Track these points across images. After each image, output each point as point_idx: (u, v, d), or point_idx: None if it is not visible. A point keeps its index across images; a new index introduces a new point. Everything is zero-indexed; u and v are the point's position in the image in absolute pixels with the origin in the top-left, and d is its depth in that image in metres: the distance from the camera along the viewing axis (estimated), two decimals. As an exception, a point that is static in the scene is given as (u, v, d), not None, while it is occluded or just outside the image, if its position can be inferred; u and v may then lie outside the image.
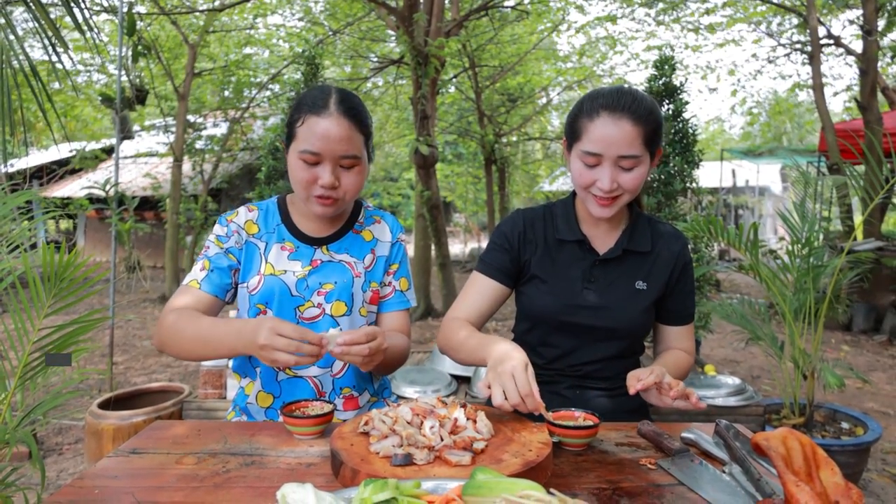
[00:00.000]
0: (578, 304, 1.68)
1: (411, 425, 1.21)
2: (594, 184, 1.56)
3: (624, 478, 1.18)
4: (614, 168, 1.54)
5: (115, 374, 5.65)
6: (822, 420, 3.46)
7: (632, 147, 1.51)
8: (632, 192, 1.58)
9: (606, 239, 1.73)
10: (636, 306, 1.69)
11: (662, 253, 1.73)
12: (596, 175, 1.55)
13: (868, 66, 8.07)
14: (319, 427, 1.37)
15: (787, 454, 0.88)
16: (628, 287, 1.69)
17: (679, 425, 1.48)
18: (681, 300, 1.77)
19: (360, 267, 1.75)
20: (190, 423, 1.46)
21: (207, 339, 1.51)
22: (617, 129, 1.51)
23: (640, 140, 1.52)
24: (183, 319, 1.56)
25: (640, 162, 1.54)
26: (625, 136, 1.51)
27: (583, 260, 1.71)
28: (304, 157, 1.58)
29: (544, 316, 1.73)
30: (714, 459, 1.26)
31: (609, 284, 1.69)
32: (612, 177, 1.54)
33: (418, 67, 6.97)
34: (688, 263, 1.76)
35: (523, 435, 1.24)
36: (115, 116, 4.16)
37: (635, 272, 1.71)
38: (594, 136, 1.53)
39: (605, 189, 1.54)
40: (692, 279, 1.79)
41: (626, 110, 1.51)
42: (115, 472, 1.18)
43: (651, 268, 1.72)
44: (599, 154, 1.53)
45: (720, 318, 3.80)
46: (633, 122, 1.51)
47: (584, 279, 1.70)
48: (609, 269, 1.71)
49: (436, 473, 1.07)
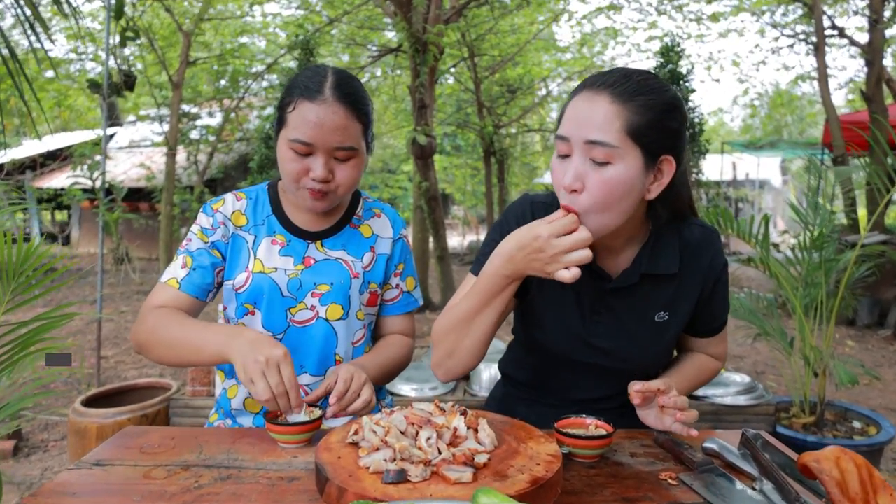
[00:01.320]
0: (583, 340, 1.39)
1: (405, 436, 1.09)
2: (560, 185, 1.22)
3: (643, 495, 1.06)
4: (583, 161, 1.18)
5: (106, 368, 5.52)
6: (833, 419, 3.35)
7: (603, 131, 1.15)
8: (599, 200, 1.17)
9: (619, 260, 1.38)
10: (655, 343, 1.40)
11: (689, 270, 1.38)
12: (564, 169, 1.21)
13: (874, 57, 7.95)
14: (305, 435, 1.24)
15: (842, 478, 0.76)
16: (645, 320, 1.38)
17: (701, 433, 1.35)
18: (714, 312, 1.45)
19: (359, 266, 1.60)
20: (164, 431, 1.33)
21: (195, 343, 1.37)
22: (590, 105, 1.18)
23: (619, 125, 1.15)
24: (167, 320, 1.43)
25: (616, 156, 1.16)
26: (597, 115, 1.16)
27: (590, 286, 1.37)
28: (294, 146, 1.42)
29: (544, 346, 1.45)
30: (741, 473, 1.14)
31: (622, 318, 1.38)
32: (576, 171, 1.18)
33: (416, 55, 6.82)
34: (723, 268, 1.41)
35: (530, 446, 1.12)
36: (103, 103, 4.02)
37: (655, 300, 1.38)
38: (567, 115, 1.22)
39: (566, 184, 1.19)
40: (727, 284, 1.44)
41: (607, 86, 1.18)
42: (75, 487, 1.06)
43: (675, 292, 1.38)
44: (567, 138, 1.20)
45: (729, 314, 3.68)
46: (612, 99, 1.17)
47: (591, 310, 1.38)
48: (622, 297, 1.37)
49: (433, 493, 0.95)
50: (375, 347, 1.66)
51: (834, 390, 4.49)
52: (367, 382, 1.37)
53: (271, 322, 1.53)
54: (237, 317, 1.55)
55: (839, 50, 12.43)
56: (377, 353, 1.62)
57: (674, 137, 1.22)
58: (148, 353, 1.46)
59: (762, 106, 20.82)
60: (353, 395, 1.33)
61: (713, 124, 25.54)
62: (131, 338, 1.50)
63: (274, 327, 1.53)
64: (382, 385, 1.69)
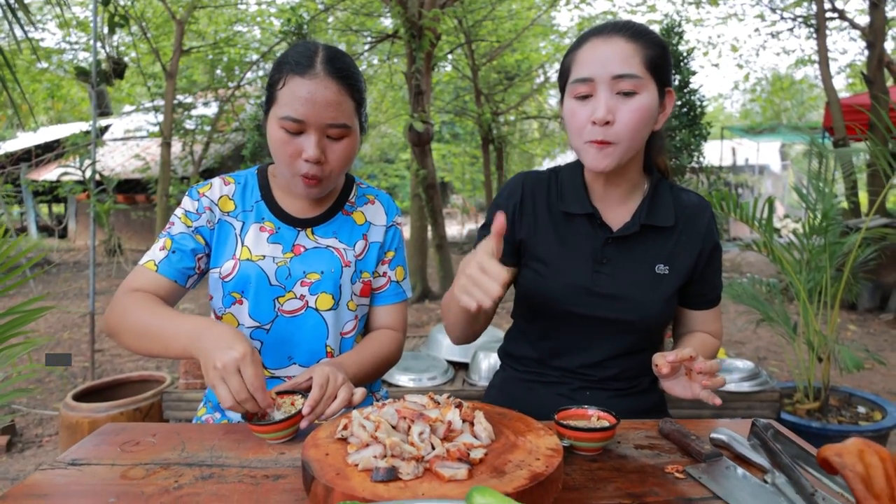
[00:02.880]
0: (588, 289, 1.42)
1: (397, 431, 1.03)
2: (588, 122, 1.31)
3: (649, 490, 1.00)
4: (610, 95, 1.28)
5: (102, 361, 5.47)
6: (838, 404, 3.29)
7: (628, 65, 1.27)
8: (632, 129, 1.30)
9: (620, 212, 1.46)
10: (656, 295, 1.43)
11: (687, 229, 1.46)
12: (591, 108, 1.30)
13: (875, 39, 7.85)
14: (286, 431, 1.18)
15: (866, 473, 0.70)
16: (647, 271, 1.43)
17: (703, 423, 1.30)
18: (709, 283, 1.51)
19: (351, 255, 1.54)
20: (146, 427, 1.27)
21: (163, 334, 1.28)
22: (608, 45, 1.29)
23: (639, 58, 1.28)
24: (139, 305, 1.34)
25: (642, 86, 1.28)
26: (619, 52, 1.28)
27: (593, 237, 1.44)
28: (285, 124, 1.35)
29: (547, 304, 1.46)
30: (752, 465, 1.08)
31: (624, 267, 1.43)
32: (607, 104, 1.28)
33: (412, 41, 6.74)
34: (717, 237, 1.51)
35: (529, 439, 1.06)
36: (91, 91, 3.94)
37: (656, 253, 1.44)
38: (582, 60, 1.32)
39: (600, 117, 1.27)
40: (721, 257, 1.53)
41: (618, 30, 1.31)
42: (47, 488, 1.00)
43: (674, 247, 1.45)
44: (590, 78, 1.29)
45: (729, 299, 3.62)
46: (627, 39, 1.29)
47: (594, 260, 1.43)
48: (624, 248, 1.44)
49: (425, 492, 0.89)
50: (359, 344, 1.58)
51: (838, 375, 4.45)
52: (346, 383, 1.29)
53: (258, 311, 1.47)
54: (225, 306, 1.49)
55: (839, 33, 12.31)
56: (359, 350, 1.53)
57: (670, 71, 1.38)
58: (118, 338, 1.37)
59: (762, 91, 20.70)
60: (329, 400, 1.25)
61: (713, 110, 25.43)
62: (103, 320, 1.41)
63: (261, 317, 1.47)
64: (366, 383, 1.58)
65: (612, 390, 1.48)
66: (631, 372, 1.48)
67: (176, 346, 1.25)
